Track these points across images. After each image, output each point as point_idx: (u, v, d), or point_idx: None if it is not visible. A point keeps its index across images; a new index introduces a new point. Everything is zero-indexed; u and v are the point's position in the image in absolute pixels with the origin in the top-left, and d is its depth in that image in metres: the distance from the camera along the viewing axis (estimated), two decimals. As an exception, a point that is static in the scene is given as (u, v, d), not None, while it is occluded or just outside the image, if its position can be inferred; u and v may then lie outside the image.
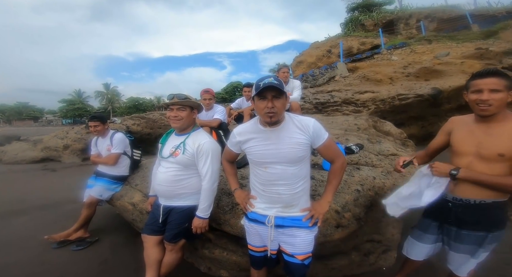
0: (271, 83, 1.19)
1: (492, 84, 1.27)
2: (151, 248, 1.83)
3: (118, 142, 2.87)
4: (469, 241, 1.42)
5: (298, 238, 1.37)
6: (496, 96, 1.26)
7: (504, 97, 1.27)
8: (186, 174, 1.77)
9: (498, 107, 1.28)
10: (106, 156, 2.91)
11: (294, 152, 1.30)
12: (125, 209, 2.63)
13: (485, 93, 1.28)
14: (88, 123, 2.88)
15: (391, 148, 2.89)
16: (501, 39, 10.47)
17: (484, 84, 1.29)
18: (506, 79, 1.27)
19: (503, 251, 2.48)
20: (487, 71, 1.31)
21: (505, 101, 1.27)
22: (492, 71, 1.30)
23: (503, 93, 1.26)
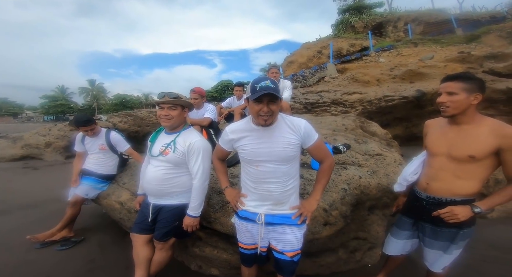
0: (268, 88, 1.20)
1: (449, 87, 1.38)
2: (141, 247, 1.82)
3: (119, 140, 2.90)
4: (442, 237, 1.50)
5: (287, 236, 1.41)
6: (452, 98, 1.36)
7: (462, 99, 1.34)
8: (176, 173, 1.77)
9: (455, 109, 1.37)
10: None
11: (286, 152, 1.33)
12: (112, 208, 2.59)
13: (442, 95, 1.40)
14: (81, 128, 2.73)
15: (377, 149, 2.98)
16: (483, 43, 10.79)
17: (443, 87, 1.41)
18: (465, 82, 1.35)
19: (480, 248, 2.63)
20: (448, 76, 1.42)
21: (464, 103, 1.35)
22: (452, 76, 1.40)
23: (460, 95, 1.34)
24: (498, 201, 1.36)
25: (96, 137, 2.86)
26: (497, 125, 1.32)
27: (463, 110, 1.37)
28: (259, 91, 1.20)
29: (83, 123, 2.69)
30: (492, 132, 1.30)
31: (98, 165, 2.83)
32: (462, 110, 1.37)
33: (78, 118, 2.77)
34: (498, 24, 11.80)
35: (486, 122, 1.36)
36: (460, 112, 1.38)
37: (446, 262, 1.55)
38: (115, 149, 2.91)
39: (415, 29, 14.46)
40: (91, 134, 2.79)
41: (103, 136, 2.87)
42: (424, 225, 1.58)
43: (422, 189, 1.58)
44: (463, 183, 1.41)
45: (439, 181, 1.48)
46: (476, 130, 1.36)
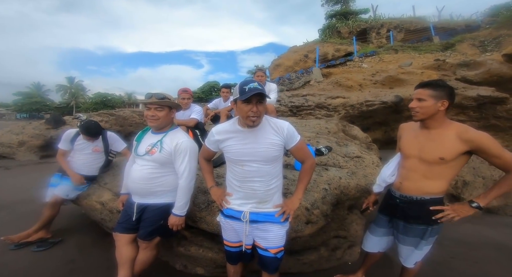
0: (257, 89, 1.27)
1: (419, 94, 1.51)
2: (124, 247, 1.81)
3: (116, 140, 2.90)
4: (413, 233, 1.61)
5: (271, 233, 1.47)
6: (421, 104, 1.49)
7: (429, 105, 1.47)
8: (162, 172, 1.78)
9: (423, 114, 1.50)
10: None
11: (269, 152, 1.40)
12: (93, 209, 2.54)
13: (413, 101, 1.53)
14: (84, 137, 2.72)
15: (356, 151, 3.13)
16: (457, 51, 11.33)
17: (415, 94, 1.54)
18: (434, 90, 1.47)
19: (449, 245, 2.82)
20: (420, 84, 1.56)
21: (432, 109, 1.47)
22: (423, 84, 1.54)
23: (428, 102, 1.47)
24: (495, 194, 1.46)
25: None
26: (462, 129, 1.45)
27: (431, 115, 1.50)
28: (248, 92, 1.26)
29: (92, 134, 2.72)
30: (458, 136, 1.43)
31: (83, 166, 2.76)
32: (430, 115, 1.50)
33: (89, 128, 2.70)
34: (472, 33, 12.42)
35: (452, 127, 1.48)
36: (428, 117, 1.51)
37: (417, 257, 1.66)
38: (108, 150, 2.87)
39: (396, 36, 14.94)
40: (92, 142, 2.77)
41: (99, 137, 2.81)
42: (398, 222, 1.69)
43: (396, 188, 1.69)
44: (431, 183, 1.53)
45: (410, 180, 1.60)
46: (443, 134, 1.48)
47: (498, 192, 1.45)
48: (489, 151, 1.38)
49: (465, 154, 1.45)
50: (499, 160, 1.39)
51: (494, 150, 1.38)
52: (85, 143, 2.76)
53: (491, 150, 1.38)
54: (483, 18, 14.47)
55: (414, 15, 17.43)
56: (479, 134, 1.40)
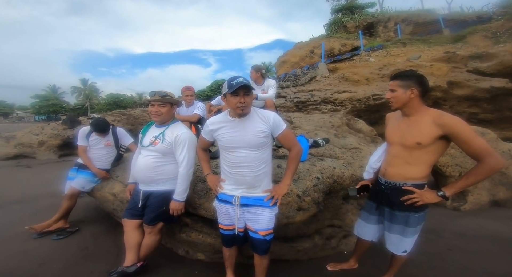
0: (243, 83, 1.43)
1: (390, 85, 1.65)
2: (131, 231, 1.99)
3: (125, 135, 3.15)
4: (398, 220, 1.66)
5: (260, 216, 1.59)
6: (393, 94, 1.61)
7: (399, 94, 1.58)
8: (163, 161, 1.96)
9: (397, 102, 1.61)
10: None
11: (256, 139, 1.54)
12: (106, 200, 2.75)
13: (387, 92, 1.66)
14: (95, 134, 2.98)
15: (354, 143, 3.18)
16: (468, 44, 11.02)
17: (390, 85, 1.65)
18: (402, 80, 1.59)
19: (447, 237, 2.84)
20: (391, 76, 1.67)
21: (402, 97, 1.57)
22: (393, 76, 1.66)
23: (398, 92, 1.58)
24: (463, 184, 1.50)
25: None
26: (437, 115, 1.51)
27: (405, 103, 1.59)
28: (235, 86, 1.43)
29: (102, 131, 2.96)
30: (433, 121, 1.49)
31: (97, 160, 2.98)
32: (404, 103, 1.59)
33: (98, 124, 2.95)
34: (484, 25, 12.06)
35: (429, 113, 1.55)
36: (403, 105, 1.60)
37: (406, 245, 1.69)
38: (118, 144, 3.10)
39: (404, 29, 14.69)
40: (103, 138, 3.00)
41: (110, 132, 3.05)
42: (384, 209, 1.75)
43: (381, 175, 1.77)
44: (413, 168, 1.60)
45: (393, 166, 1.67)
46: (420, 120, 1.56)
47: (465, 183, 1.48)
48: (460, 136, 1.42)
49: (442, 139, 1.50)
50: (469, 147, 1.42)
51: (465, 136, 1.41)
52: (98, 139, 2.99)
53: (462, 135, 1.41)
54: (494, 10, 14.07)
55: (422, 7, 17.15)
56: (452, 118, 1.45)
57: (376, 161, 1.84)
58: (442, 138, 1.50)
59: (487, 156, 1.39)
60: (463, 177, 1.51)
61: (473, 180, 1.48)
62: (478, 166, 1.43)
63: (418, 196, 1.57)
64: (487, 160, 1.39)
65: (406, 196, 1.60)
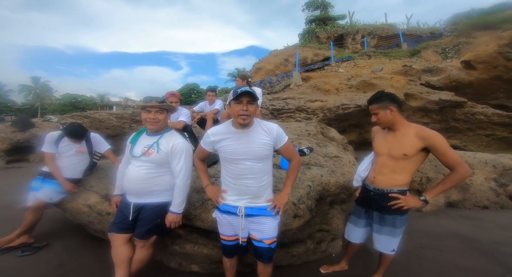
0: (247, 90, 1.46)
1: (371, 110, 1.85)
2: (120, 247, 1.86)
3: (100, 141, 2.92)
4: (387, 223, 1.85)
5: (265, 225, 1.62)
6: (378, 117, 1.81)
7: (382, 115, 1.79)
8: (158, 172, 1.87)
9: (384, 123, 1.81)
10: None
11: (261, 151, 1.56)
12: (79, 212, 2.54)
13: (372, 117, 1.85)
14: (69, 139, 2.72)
15: (335, 151, 3.39)
16: (422, 58, 12.14)
17: (371, 110, 1.85)
18: (378, 102, 1.80)
19: (417, 236, 3.14)
20: (368, 101, 1.87)
21: (386, 117, 1.79)
22: (370, 100, 1.84)
23: (380, 113, 1.79)
24: (440, 189, 1.73)
25: None
26: (419, 129, 1.75)
27: (389, 121, 1.80)
28: (239, 92, 1.45)
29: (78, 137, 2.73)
30: (416, 134, 1.72)
31: (67, 168, 2.72)
32: (389, 122, 1.81)
33: (75, 130, 2.72)
34: (436, 40, 13.38)
35: (411, 127, 1.79)
36: (388, 123, 1.82)
37: (394, 245, 1.89)
38: (92, 151, 2.86)
39: (370, 42, 15.64)
40: (76, 144, 2.74)
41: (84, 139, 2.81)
42: (373, 213, 1.93)
43: (370, 182, 1.94)
44: (398, 177, 1.80)
45: (382, 175, 1.86)
46: (405, 133, 1.78)
47: (442, 188, 1.72)
48: (438, 149, 1.66)
49: (423, 151, 1.73)
50: (444, 158, 1.67)
51: (442, 148, 1.66)
52: (69, 145, 2.73)
53: (440, 148, 1.66)
54: (445, 26, 15.64)
55: (386, 22, 18.31)
56: (432, 132, 1.70)
57: (364, 170, 2.02)
58: (423, 150, 1.72)
59: (458, 166, 1.64)
60: (439, 184, 1.74)
61: (448, 186, 1.72)
62: (452, 174, 1.68)
63: (403, 201, 1.77)
64: (459, 169, 1.64)
65: (393, 202, 1.78)
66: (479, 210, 4.41)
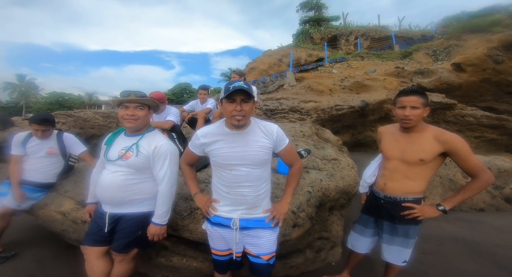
0: (241, 87, 1.23)
1: (413, 101, 1.54)
2: (95, 261, 1.63)
3: (74, 143, 2.61)
4: (399, 233, 1.68)
5: (262, 239, 1.42)
6: (416, 112, 1.54)
7: (421, 113, 1.55)
8: (138, 178, 1.64)
9: (416, 121, 1.57)
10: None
11: (260, 155, 1.36)
12: (52, 219, 2.30)
13: (407, 109, 1.55)
14: (32, 125, 2.39)
15: (333, 154, 3.23)
16: (414, 60, 12.21)
17: (407, 101, 1.56)
18: (423, 97, 1.57)
19: (418, 241, 3.03)
20: (410, 90, 1.58)
21: (422, 115, 1.57)
22: (414, 90, 1.58)
23: (421, 109, 1.55)
24: (460, 199, 1.56)
25: (45, 139, 2.47)
26: (439, 132, 1.56)
27: (419, 121, 1.58)
28: (231, 90, 1.23)
29: (40, 121, 2.37)
30: (435, 138, 1.53)
31: (37, 172, 2.45)
32: (418, 121, 1.58)
33: (39, 115, 2.46)
34: (427, 42, 13.49)
35: (429, 129, 1.59)
36: (417, 122, 1.58)
37: (406, 256, 1.73)
38: (66, 153, 2.58)
39: (363, 44, 15.70)
40: (41, 135, 2.41)
41: (54, 138, 2.52)
42: (383, 223, 1.75)
43: (380, 189, 1.76)
44: (413, 183, 1.62)
45: (394, 181, 1.67)
46: (422, 137, 1.58)
47: (463, 197, 1.56)
48: (459, 154, 1.49)
49: (441, 155, 1.55)
50: (466, 164, 1.50)
51: (464, 154, 1.48)
52: (38, 145, 2.45)
53: (462, 152, 1.48)
54: (436, 29, 15.86)
55: (379, 24, 18.51)
56: (453, 135, 1.51)
57: (371, 176, 1.85)
58: (441, 154, 1.54)
59: (481, 172, 1.48)
60: (460, 192, 1.57)
61: (470, 194, 1.56)
62: (474, 182, 1.51)
63: (419, 211, 1.59)
64: (482, 176, 1.48)
65: (407, 211, 1.61)
66: (476, 212, 4.38)
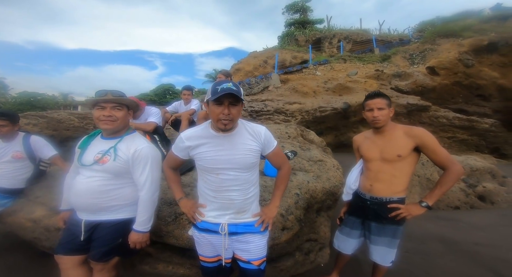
0: (229, 89, 1.17)
1: (378, 103, 1.70)
2: (72, 270, 1.51)
3: (43, 145, 2.42)
4: (385, 233, 1.72)
5: (252, 244, 1.38)
6: (382, 112, 1.69)
7: (387, 112, 1.70)
8: (116, 184, 1.53)
9: (385, 120, 1.70)
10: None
11: (247, 158, 1.32)
12: (22, 227, 2.14)
13: (375, 111, 1.70)
14: None
15: (319, 155, 3.25)
16: (392, 63, 12.71)
17: (373, 103, 1.70)
18: (386, 99, 1.72)
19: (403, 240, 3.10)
20: (374, 94, 1.74)
21: (389, 115, 1.71)
22: (377, 93, 1.74)
23: (386, 110, 1.69)
24: (439, 193, 1.63)
25: (9, 142, 2.29)
26: (407, 128, 1.69)
27: (387, 120, 1.71)
28: (220, 92, 1.17)
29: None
30: (405, 134, 1.65)
31: (3, 177, 2.26)
32: (386, 121, 1.71)
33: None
34: (404, 46, 14.04)
35: (398, 127, 1.72)
36: (385, 122, 1.71)
37: (392, 256, 1.78)
38: (34, 157, 2.39)
39: (345, 47, 16.09)
40: (0, 134, 2.23)
41: (20, 141, 2.33)
42: (370, 223, 1.78)
43: (366, 191, 1.79)
44: (397, 181, 1.68)
45: (379, 182, 1.72)
46: (394, 135, 1.69)
47: (441, 191, 1.63)
48: (429, 146, 1.60)
49: (415, 151, 1.65)
50: (436, 156, 1.60)
51: (432, 146, 1.60)
52: (2, 149, 2.28)
53: (430, 144, 1.60)
54: (413, 33, 16.57)
55: (360, 27, 19.06)
56: (421, 129, 1.64)
57: (354, 182, 1.89)
58: (415, 150, 1.65)
59: (451, 164, 1.58)
60: (437, 187, 1.65)
61: (446, 187, 1.63)
62: (446, 174, 1.60)
63: (405, 210, 1.64)
64: (452, 168, 1.57)
65: (394, 213, 1.66)
66: (452, 210, 4.58)
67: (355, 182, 1.88)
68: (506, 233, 3.45)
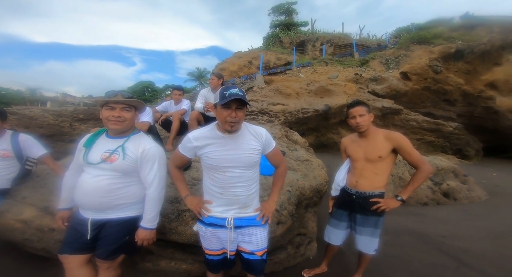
0: (236, 95, 1.30)
1: (359, 111, 1.93)
2: (77, 269, 1.55)
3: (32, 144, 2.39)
4: (369, 224, 1.96)
5: (255, 236, 1.52)
6: (364, 118, 1.92)
7: (368, 118, 1.93)
8: (124, 182, 1.59)
9: (367, 125, 1.93)
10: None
11: (251, 157, 1.46)
12: (10, 228, 2.12)
13: (357, 118, 1.92)
14: None
15: (305, 155, 3.46)
16: (370, 67, 13.22)
17: (355, 111, 1.93)
18: (365, 106, 1.96)
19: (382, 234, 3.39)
20: (354, 103, 1.99)
21: (370, 120, 1.94)
22: (357, 102, 1.99)
23: (367, 115, 1.93)
24: (411, 188, 1.89)
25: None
26: (387, 133, 1.95)
27: (368, 125, 1.95)
28: (228, 97, 1.29)
29: None
30: (385, 138, 1.91)
31: None
32: (368, 125, 1.95)
33: None
34: (381, 51, 14.70)
35: (379, 132, 1.97)
36: (367, 127, 1.95)
37: (375, 245, 2.02)
38: (22, 156, 2.35)
39: (327, 50, 16.52)
40: None
41: (8, 139, 2.28)
42: (355, 215, 2.01)
43: (352, 186, 2.02)
44: (379, 178, 1.94)
45: (364, 178, 1.97)
46: (376, 138, 1.94)
47: (413, 187, 1.90)
48: (404, 148, 1.86)
49: (392, 152, 1.91)
50: (410, 157, 1.87)
51: (407, 148, 1.86)
52: None
53: (405, 147, 1.86)
54: (390, 39, 17.38)
55: (342, 31, 19.61)
56: (397, 134, 1.91)
57: (343, 180, 2.11)
58: (393, 151, 1.91)
59: (422, 164, 1.86)
60: (410, 183, 1.91)
61: (417, 184, 1.90)
62: (418, 172, 1.88)
63: (384, 204, 1.89)
64: (423, 167, 1.86)
65: (375, 206, 1.90)
66: (421, 206, 5.01)
67: (343, 179, 2.11)
68: (467, 226, 3.87)
